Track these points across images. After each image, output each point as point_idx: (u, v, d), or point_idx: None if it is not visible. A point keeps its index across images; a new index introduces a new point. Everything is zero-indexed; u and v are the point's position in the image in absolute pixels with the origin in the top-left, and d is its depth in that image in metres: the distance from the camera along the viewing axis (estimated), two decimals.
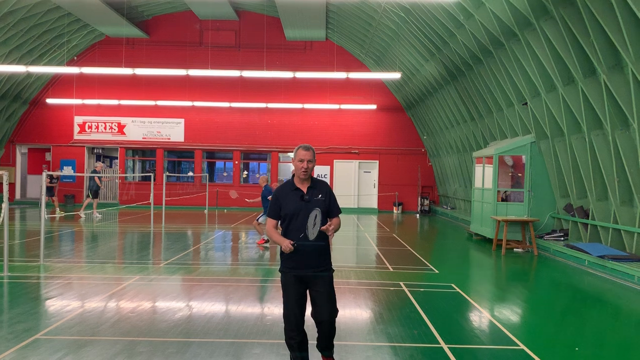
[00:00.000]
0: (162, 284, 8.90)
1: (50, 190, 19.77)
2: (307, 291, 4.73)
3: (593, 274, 10.50)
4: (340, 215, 4.86)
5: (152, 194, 16.64)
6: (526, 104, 13.94)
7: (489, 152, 14.99)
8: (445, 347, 5.84)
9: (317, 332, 4.82)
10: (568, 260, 11.84)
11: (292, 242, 4.48)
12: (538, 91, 13.06)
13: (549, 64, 11.83)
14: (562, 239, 13.24)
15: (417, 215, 24.99)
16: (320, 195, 4.66)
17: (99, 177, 19.68)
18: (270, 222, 4.73)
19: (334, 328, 4.85)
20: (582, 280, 10.23)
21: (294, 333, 4.63)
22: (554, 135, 13.12)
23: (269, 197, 13.13)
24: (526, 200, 14.15)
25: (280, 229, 4.80)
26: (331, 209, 4.71)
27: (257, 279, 9.42)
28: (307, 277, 4.63)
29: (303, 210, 4.56)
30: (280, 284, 4.81)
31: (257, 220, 13.38)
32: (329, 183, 4.87)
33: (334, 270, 4.86)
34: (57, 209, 20.62)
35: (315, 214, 4.53)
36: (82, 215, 18.72)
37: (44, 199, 10.74)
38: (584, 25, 10.03)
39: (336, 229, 4.65)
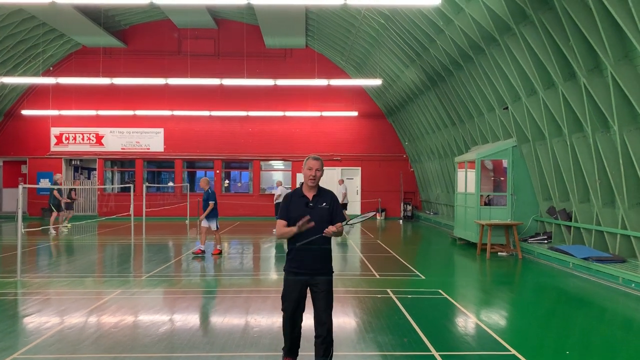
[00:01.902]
0: (145, 298, 8.68)
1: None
2: (308, 291, 5.02)
3: (578, 276, 10.54)
4: None
5: (132, 205, 16.34)
6: (507, 108, 14.04)
7: (471, 157, 15.05)
8: (436, 354, 5.76)
9: (315, 342, 4.92)
10: (552, 263, 11.89)
11: (304, 221, 4.72)
12: (519, 95, 13.16)
13: (529, 68, 11.93)
14: (545, 241, 13.31)
15: (401, 221, 25.00)
16: (324, 204, 5.00)
17: (59, 190, 19.20)
18: (281, 222, 5.01)
19: (331, 337, 4.93)
20: (567, 282, 10.26)
21: (288, 323, 4.99)
22: (535, 138, 13.22)
23: (210, 202, 12.95)
24: (509, 204, 14.21)
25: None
26: (334, 216, 5.00)
27: (242, 290, 9.24)
28: (307, 278, 4.93)
29: (306, 215, 4.85)
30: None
31: (211, 227, 13.11)
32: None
33: (333, 272, 5.09)
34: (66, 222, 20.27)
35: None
36: (53, 231, 18.24)
37: (20, 212, 10.42)
38: (563, 29, 10.14)
39: (337, 234, 4.87)
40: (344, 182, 22.83)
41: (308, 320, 5.11)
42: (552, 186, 13.08)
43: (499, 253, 13.34)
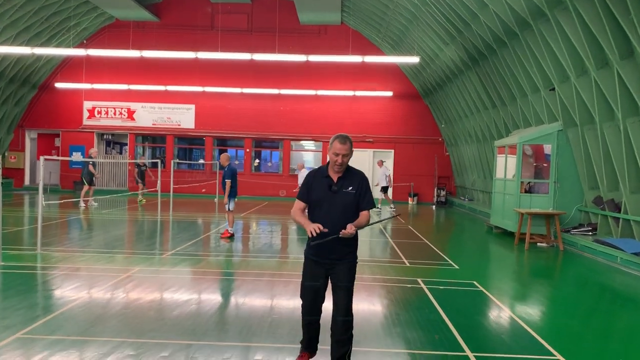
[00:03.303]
0: (163, 277, 8.32)
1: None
2: (329, 280, 4.53)
3: (626, 272, 9.72)
4: None
5: (159, 181, 16.10)
6: (554, 89, 13.09)
7: (512, 141, 14.18)
8: (471, 355, 5.18)
9: (332, 342, 4.48)
10: (597, 257, 11.06)
11: (319, 228, 4.14)
12: (567, 75, 12.21)
13: (581, 45, 10.98)
14: (590, 233, 12.44)
15: (433, 206, 24.22)
16: (350, 188, 4.35)
17: (93, 164, 19.04)
18: (298, 204, 4.49)
19: (351, 337, 4.47)
20: (615, 278, 9.48)
21: (306, 311, 4.53)
22: (583, 122, 12.29)
23: (227, 180, 12.02)
24: (552, 192, 13.34)
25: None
26: (360, 202, 4.38)
27: (265, 272, 8.80)
28: (326, 264, 4.42)
29: (328, 200, 4.32)
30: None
31: (227, 208, 12.15)
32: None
33: (357, 258, 4.55)
34: (141, 196, 20.54)
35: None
36: (82, 205, 18.16)
37: (41, 184, 10.20)
38: (622, 0, 9.18)
39: (360, 227, 4.35)
40: (384, 164, 21.70)
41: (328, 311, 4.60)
42: (600, 174, 12.16)
43: (538, 244, 12.56)
